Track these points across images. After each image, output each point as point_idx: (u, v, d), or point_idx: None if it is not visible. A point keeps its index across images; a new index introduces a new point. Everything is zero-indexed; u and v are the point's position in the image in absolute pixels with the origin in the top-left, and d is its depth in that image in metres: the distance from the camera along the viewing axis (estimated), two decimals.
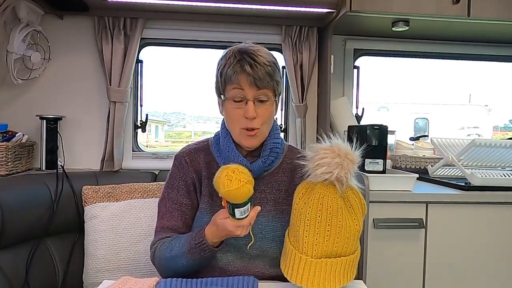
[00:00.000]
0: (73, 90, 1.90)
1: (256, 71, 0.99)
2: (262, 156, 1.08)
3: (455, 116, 5.33)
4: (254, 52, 1.02)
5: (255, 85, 1.00)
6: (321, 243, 0.87)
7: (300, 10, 1.77)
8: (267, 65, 1.01)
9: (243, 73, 0.99)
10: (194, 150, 1.16)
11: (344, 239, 0.88)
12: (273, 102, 1.06)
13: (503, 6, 1.72)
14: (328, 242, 0.87)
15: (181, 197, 1.12)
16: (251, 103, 1.01)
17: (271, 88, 1.03)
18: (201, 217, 1.10)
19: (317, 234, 0.87)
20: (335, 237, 0.87)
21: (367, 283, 1.20)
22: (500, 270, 1.56)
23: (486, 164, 1.77)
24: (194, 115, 6.29)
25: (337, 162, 0.87)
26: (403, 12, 1.70)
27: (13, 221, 1.37)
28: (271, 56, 1.06)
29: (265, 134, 1.08)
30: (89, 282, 1.50)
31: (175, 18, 1.91)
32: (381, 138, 1.60)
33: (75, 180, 1.63)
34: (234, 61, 1.01)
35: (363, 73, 2.20)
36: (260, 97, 1.02)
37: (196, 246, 0.98)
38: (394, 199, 1.50)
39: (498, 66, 2.44)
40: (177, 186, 1.13)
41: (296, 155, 1.13)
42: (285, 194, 1.10)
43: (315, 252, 0.87)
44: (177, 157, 1.16)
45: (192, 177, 1.12)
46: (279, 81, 1.06)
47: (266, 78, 1.00)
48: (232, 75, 1.00)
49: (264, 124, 1.05)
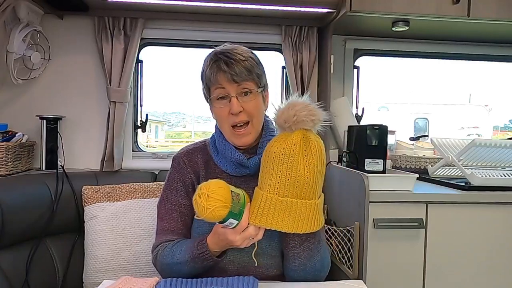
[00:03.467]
0: (73, 90, 1.90)
1: (232, 67, 1.01)
2: (258, 153, 1.08)
3: (455, 116, 5.33)
4: (230, 50, 1.04)
5: (234, 81, 1.02)
6: (282, 179, 0.91)
7: (300, 10, 1.77)
8: (243, 60, 1.03)
9: (220, 72, 1.02)
10: (191, 151, 1.16)
11: (304, 182, 0.92)
12: (258, 94, 1.07)
13: (503, 6, 1.72)
14: (291, 177, 0.91)
15: (180, 198, 1.12)
16: (234, 98, 1.03)
17: (251, 81, 1.04)
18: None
19: (279, 172, 0.92)
20: (295, 179, 0.91)
21: (367, 283, 1.20)
22: (500, 270, 1.56)
23: (486, 164, 1.77)
24: (194, 115, 6.29)
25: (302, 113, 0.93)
26: (403, 12, 1.70)
27: (13, 221, 1.37)
28: (248, 52, 1.08)
29: (257, 129, 1.08)
30: (89, 282, 1.50)
31: (175, 18, 1.91)
32: (381, 138, 1.60)
33: (75, 180, 1.63)
34: (211, 63, 1.04)
35: (363, 73, 2.20)
36: (243, 91, 1.03)
37: (199, 256, 0.98)
38: (394, 199, 1.50)
39: (498, 66, 2.44)
40: (175, 188, 1.13)
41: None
42: None
43: (282, 192, 0.92)
44: (175, 158, 1.16)
45: (191, 177, 1.13)
46: (261, 74, 1.08)
47: (244, 72, 1.02)
48: (211, 76, 1.03)
49: (253, 118, 1.06)
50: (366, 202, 1.34)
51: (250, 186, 1.09)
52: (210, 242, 0.98)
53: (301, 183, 0.91)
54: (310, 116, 0.93)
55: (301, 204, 0.92)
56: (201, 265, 0.99)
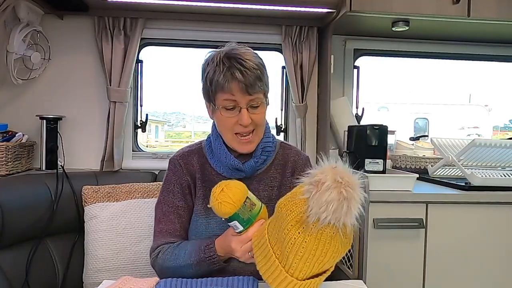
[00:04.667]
0: (73, 90, 1.90)
1: (246, 77, 0.98)
2: (254, 156, 1.08)
3: (455, 116, 5.34)
4: (242, 56, 1.00)
5: (247, 92, 0.99)
6: (310, 268, 0.84)
7: (300, 10, 1.76)
8: (255, 68, 1.00)
9: (234, 81, 0.98)
10: (187, 153, 1.16)
11: (333, 262, 0.87)
12: (265, 104, 1.06)
13: (503, 6, 1.72)
14: (317, 268, 0.84)
15: (177, 200, 1.12)
16: (245, 110, 1.00)
17: (262, 92, 1.03)
18: (196, 219, 1.10)
19: (307, 263, 0.82)
20: (325, 263, 0.85)
21: (367, 283, 1.20)
22: (500, 270, 1.56)
23: (486, 164, 1.77)
24: (194, 115, 6.29)
25: (342, 206, 0.76)
26: (403, 12, 1.70)
27: (13, 221, 1.37)
28: (257, 57, 1.05)
29: (260, 136, 1.09)
30: (89, 282, 1.50)
31: (175, 18, 1.91)
32: (381, 138, 1.60)
33: (75, 180, 1.63)
34: (223, 69, 0.98)
35: (363, 73, 2.20)
36: (253, 103, 1.02)
37: (206, 259, 0.98)
38: (394, 199, 1.50)
39: (498, 66, 2.44)
40: (172, 190, 1.13)
41: (287, 151, 1.17)
42: (278, 191, 1.11)
43: (302, 275, 0.85)
44: (171, 161, 1.16)
45: (187, 179, 1.12)
46: (267, 82, 1.06)
47: (257, 83, 0.99)
48: (223, 83, 0.99)
49: (258, 127, 1.05)
50: (366, 202, 1.34)
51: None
52: (218, 244, 0.98)
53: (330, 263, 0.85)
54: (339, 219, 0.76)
55: (322, 278, 0.88)
56: (207, 269, 0.99)
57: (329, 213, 0.75)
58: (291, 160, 1.15)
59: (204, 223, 1.08)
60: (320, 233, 0.79)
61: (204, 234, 1.08)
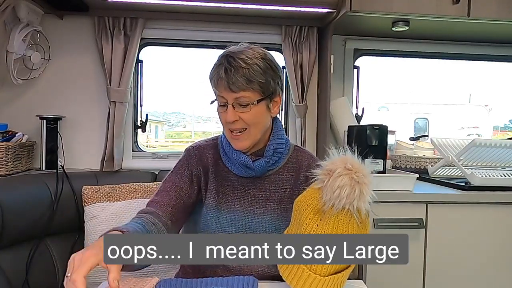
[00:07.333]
0: (73, 90, 1.90)
1: (229, 75, 0.98)
2: (265, 156, 1.08)
3: (455, 116, 5.33)
4: (235, 55, 1.00)
5: (230, 89, 0.99)
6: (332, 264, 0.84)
7: (300, 10, 1.77)
8: (244, 67, 0.98)
9: (219, 78, 1.01)
10: (204, 146, 1.16)
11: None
12: (257, 105, 1.03)
13: (503, 6, 1.72)
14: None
15: (183, 183, 1.10)
16: (230, 107, 1.01)
17: (249, 91, 1.00)
18: (206, 213, 1.10)
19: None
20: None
21: (367, 283, 1.20)
22: (500, 270, 1.56)
23: (486, 164, 1.77)
24: (194, 115, 6.29)
25: (355, 190, 0.81)
26: (403, 12, 1.70)
27: (13, 221, 1.37)
28: (258, 57, 1.02)
29: (255, 136, 1.06)
30: (89, 282, 1.49)
31: (175, 18, 1.91)
32: (381, 138, 1.60)
33: (75, 180, 1.63)
34: (215, 66, 1.03)
35: (363, 73, 2.20)
36: (240, 101, 1.01)
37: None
38: (394, 199, 1.50)
39: (498, 66, 2.45)
40: (181, 173, 1.11)
41: (301, 154, 1.16)
42: (290, 193, 1.10)
43: (325, 271, 0.85)
44: (187, 149, 1.17)
45: (199, 169, 1.12)
46: (265, 82, 1.02)
47: (241, 81, 0.98)
48: (214, 80, 1.03)
49: (251, 126, 1.04)
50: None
51: (256, 187, 1.10)
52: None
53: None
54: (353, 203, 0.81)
55: (345, 273, 0.88)
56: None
57: (342, 197, 0.79)
58: (305, 164, 1.14)
59: (215, 217, 1.08)
60: (336, 222, 0.82)
61: (214, 228, 1.08)
